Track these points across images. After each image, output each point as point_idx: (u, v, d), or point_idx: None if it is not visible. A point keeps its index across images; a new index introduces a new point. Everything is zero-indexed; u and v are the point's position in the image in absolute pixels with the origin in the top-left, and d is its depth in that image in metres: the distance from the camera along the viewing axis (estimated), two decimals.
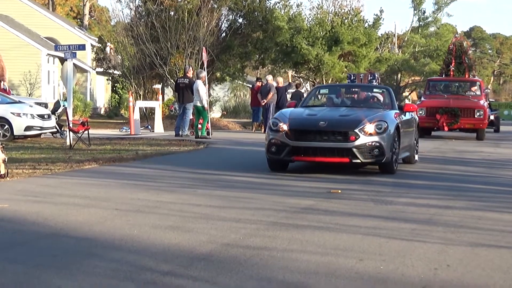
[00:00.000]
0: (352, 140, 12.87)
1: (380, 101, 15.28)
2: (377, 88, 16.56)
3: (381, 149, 12.97)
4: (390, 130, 13.21)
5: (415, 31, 64.86)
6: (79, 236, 7.37)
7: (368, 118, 13.22)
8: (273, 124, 13.50)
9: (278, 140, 13.19)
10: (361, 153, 12.89)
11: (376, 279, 5.89)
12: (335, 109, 14.57)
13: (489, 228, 8.25)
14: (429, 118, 27.72)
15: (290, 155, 13.16)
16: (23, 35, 41.66)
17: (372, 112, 13.89)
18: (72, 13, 73.74)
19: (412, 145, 15.39)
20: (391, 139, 13.20)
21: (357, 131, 12.91)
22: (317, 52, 41.41)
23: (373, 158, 13.02)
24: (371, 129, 12.99)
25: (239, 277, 5.84)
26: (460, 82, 30.72)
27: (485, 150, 21.18)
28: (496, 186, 12.42)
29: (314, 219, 8.62)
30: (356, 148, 12.86)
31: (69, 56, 20.56)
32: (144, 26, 36.02)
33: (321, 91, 16.65)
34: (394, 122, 13.53)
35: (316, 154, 13.08)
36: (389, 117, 13.64)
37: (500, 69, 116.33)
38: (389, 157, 13.18)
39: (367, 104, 15.30)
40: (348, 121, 13.24)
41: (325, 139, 12.97)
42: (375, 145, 12.95)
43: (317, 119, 13.36)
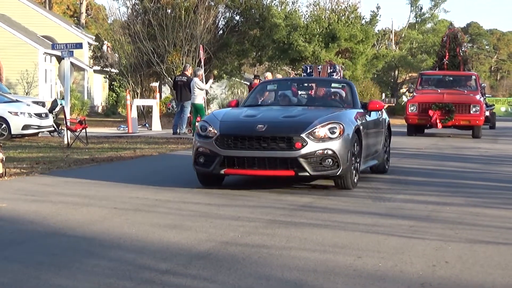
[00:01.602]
0: (298, 147, 10.28)
1: (343, 98, 12.60)
2: (336, 83, 13.53)
3: (335, 159, 10.39)
4: (347, 134, 10.63)
5: (412, 27, 64.90)
6: (78, 235, 7.37)
7: (319, 120, 10.63)
8: (201, 128, 10.92)
9: (207, 148, 10.62)
10: (310, 164, 10.31)
11: (375, 276, 5.89)
12: (282, 109, 11.86)
13: (488, 225, 8.26)
14: (422, 114, 26.24)
15: (221, 167, 10.55)
16: (20, 34, 41.62)
17: (327, 112, 11.32)
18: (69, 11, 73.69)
19: (381, 151, 12.98)
20: (349, 145, 10.62)
21: (304, 136, 10.32)
22: (313, 49, 41.40)
23: (325, 170, 10.41)
24: (322, 134, 10.44)
25: (238, 275, 5.85)
26: (455, 76, 28.99)
27: (483, 146, 21.19)
28: (494, 182, 12.43)
29: (312, 217, 8.62)
30: (303, 157, 10.27)
31: (66, 54, 20.56)
32: (141, 24, 36.03)
33: (269, 87, 13.38)
34: (352, 124, 10.95)
35: (253, 165, 10.42)
36: (346, 118, 11.04)
37: (497, 65, 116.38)
38: (346, 169, 10.59)
39: (325, 102, 12.67)
40: (294, 124, 10.63)
41: (265, 146, 10.35)
42: (327, 153, 10.36)
43: (255, 121, 10.75)
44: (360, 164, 11.31)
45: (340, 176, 10.65)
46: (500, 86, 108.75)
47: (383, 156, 13.19)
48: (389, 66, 60.69)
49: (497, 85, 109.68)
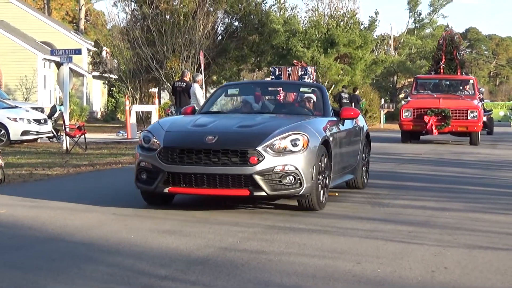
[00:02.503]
0: (254, 162, 8.78)
1: (313, 104, 11.14)
2: (305, 87, 11.85)
3: (297, 176, 8.91)
4: (313, 146, 9.15)
5: (411, 32, 64.99)
6: (76, 241, 7.36)
7: (280, 131, 9.12)
8: (144, 139, 9.47)
9: (149, 163, 9.18)
10: (267, 182, 8.80)
11: (374, 282, 5.89)
12: (242, 117, 10.29)
13: (486, 230, 8.26)
14: (417, 120, 25.02)
15: (165, 185, 9.08)
16: (19, 40, 41.64)
17: (291, 121, 9.80)
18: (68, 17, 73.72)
19: (357, 164, 11.60)
20: (315, 159, 9.13)
21: (261, 150, 8.82)
22: (312, 54, 41.44)
23: (286, 188, 8.89)
24: (282, 146, 8.97)
25: (236, 281, 5.85)
26: (451, 80, 27.80)
27: (482, 151, 21.21)
28: (493, 187, 12.43)
29: (311, 222, 8.62)
30: (259, 174, 8.76)
31: (65, 60, 20.57)
32: (140, 30, 36.07)
33: (230, 91, 11.79)
34: (319, 135, 9.43)
35: (202, 183, 8.93)
36: (312, 127, 9.52)
37: (496, 70, 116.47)
38: (311, 187, 9.07)
39: (291, 109, 11.15)
40: (249, 135, 9.13)
41: (215, 161, 8.88)
42: (288, 169, 8.89)
43: (204, 132, 9.26)
44: (329, 180, 9.79)
45: (304, 195, 9.12)
46: (499, 91, 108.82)
47: (361, 170, 11.76)
48: (388, 72, 60.80)
49: (496, 90, 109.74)
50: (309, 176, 9.03)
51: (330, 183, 9.91)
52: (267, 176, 8.84)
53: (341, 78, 42.70)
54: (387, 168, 15.50)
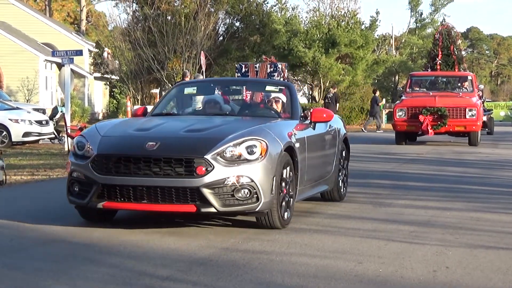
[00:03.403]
0: (201, 173, 7.55)
1: (280, 104, 9.67)
2: (271, 85, 10.22)
3: (253, 189, 7.65)
4: (273, 154, 7.88)
5: (412, 32, 64.95)
6: (77, 242, 7.36)
7: (233, 136, 7.86)
8: (77, 145, 8.21)
9: (82, 173, 7.94)
10: (218, 197, 7.57)
11: (376, 282, 5.89)
12: (194, 119, 9.03)
13: (488, 230, 8.26)
14: (411, 120, 23.27)
15: (99, 199, 7.82)
16: (20, 41, 41.65)
17: (250, 124, 8.53)
18: (69, 18, 73.75)
19: (332, 174, 10.15)
20: (275, 169, 7.85)
21: (210, 158, 7.59)
22: (313, 54, 41.44)
23: (239, 204, 7.65)
24: (236, 154, 7.72)
25: (238, 281, 5.85)
26: (448, 77, 26.04)
27: (483, 151, 21.19)
28: (494, 187, 12.42)
29: (312, 222, 8.62)
30: (207, 187, 7.54)
31: (67, 61, 20.56)
32: (141, 31, 36.10)
33: (186, 90, 10.27)
34: (282, 141, 8.14)
35: (141, 198, 7.71)
36: (273, 132, 8.22)
37: (497, 69, 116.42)
38: (270, 202, 7.79)
39: (255, 110, 9.75)
40: (197, 141, 7.88)
41: (156, 172, 7.66)
42: (242, 182, 7.63)
43: (145, 137, 8.01)
44: (295, 193, 8.52)
45: (262, 212, 7.84)
46: (500, 90, 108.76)
47: (337, 180, 10.34)
48: (390, 72, 60.73)
49: (497, 89, 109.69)
50: (267, 189, 7.74)
51: (297, 196, 8.60)
52: (218, 190, 7.57)
53: (342, 78, 42.69)
54: (389, 168, 15.49)
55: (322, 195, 10.39)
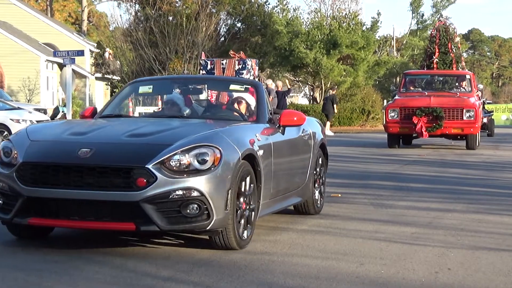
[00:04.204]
0: (141, 185, 6.47)
1: (246, 106, 8.56)
2: (236, 84, 9.06)
3: (203, 204, 6.56)
4: (228, 163, 6.78)
5: (413, 34, 64.94)
6: (79, 242, 7.36)
7: (182, 142, 6.75)
8: (3, 151, 7.08)
9: (6, 184, 6.83)
10: (161, 213, 6.50)
11: (377, 283, 5.88)
12: (142, 122, 8.06)
13: (490, 231, 8.25)
14: (404, 122, 21.69)
15: (25, 214, 6.75)
16: (21, 41, 41.68)
17: (205, 128, 7.47)
18: (71, 18, 73.78)
19: (305, 184, 8.99)
20: (230, 181, 6.76)
21: (152, 168, 6.50)
22: (315, 55, 41.45)
23: (187, 221, 6.58)
24: (183, 164, 6.62)
25: (239, 282, 5.84)
26: (445, 75, 24.38)
27: (485, 152, 21.17)
28: (496, 189, 12.41)
29: (314, 224, 8.62)
30: (149, 202, 6.46)
31: (68, 61, 20.60)
32: (142, 31, 36.12)
33: (141, 89, 9.29)
34: (240, 148, 7.02)
35: (72, 214, 6.68)
36: (230, 137, 7.07)
37: (498, 71, 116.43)
38: (224, 219, 6.72)
39: (217, 112, 8.72)
40: (138, 148, 6.77)
41: (90, 183, 6.57)
42: (190, 195, 6.55)
43: (79, 142, 6.88)
44: (257, 208, 7.41)
45: (215, 230, 6.76)
46: (501, 92, 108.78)
47: (312, 191, 9.22)
48: (391, 73, 60.72)
49: (498, 91, 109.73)
50: (221, 205, 6.65)
51: (260, 211, 7.50)
52: (161, 205, 6.48)
53: (343, 80, 42.70)
54: (390, 169, 15.49)
55: (296, 208, 9.25)
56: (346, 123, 40.63)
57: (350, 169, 15.39)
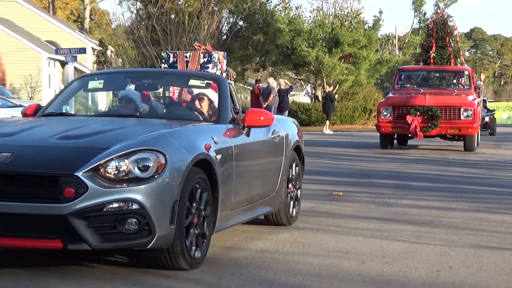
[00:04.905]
0: (70, 196, 5.54)
1: (208, 104, 7.58)
2: (196, 79, 8.03)
3: (143, 219, 5.65)
4: (174, 171, 5.84)
5: (415, 32, 64.88)
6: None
7: (120, 146, 5.80)
8: None
9: None
10: (92, 229, 5.59)
11: (379, 282, 5.88)
12: (82, 121, 7.19)
13: (492, 230, 8.25)
14: (397, 121, 20.21)
15: None
16: (23, 39, 41.69)
17: (152, 129, 6.41)
18: (73, 16, 73.80)
19: (276, 192, 8.04)
20: (176, 191, 5.84)
21: (82, 176, 5.56)
22: (317, 54, 41.45)
23: (124, 239, 5.68)
24: (121, 171, 5.69)
25: (241, 280, 5.84)
26: (442, 71, 22.78)
27: (487, 151, 21.14)
28: (498, 187, 12.41)
29: (315, 222, 8.61)
30: (78, 216, 5.53)
31: (70, 59, 20.62)
32: (144, 29, 36.13)
33: (91, 85, 8.10)
34: (190, 153, 6.08)
35: None
36: (180, 140, 6.15)
37: (500, 70, 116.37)
38: (168, 236, 5.81)
39: (174, 111, 7.76)
40: (67, 152, 5.82)
41: (9, 193, 5.64)
42: (128, 208, 5.63)
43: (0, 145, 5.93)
44: (213, 221, 6.48)
45: (159, 249, 5.89)
46: (503, 91, 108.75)
47: (285, 199, 8.28)
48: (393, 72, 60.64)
49: (500, 90, 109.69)
50: (165, 219, 5.73)
51: (218, 224, 6.59)
52: (93, 219, 5.56)
53: (345, 78, 42.69)
54: (392, 167, 15.48)
55: (266, 218, 8.34)
56: (348, 122, 40.62)
57: (352, 168, 15.39)
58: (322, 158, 17.39)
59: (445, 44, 23.53)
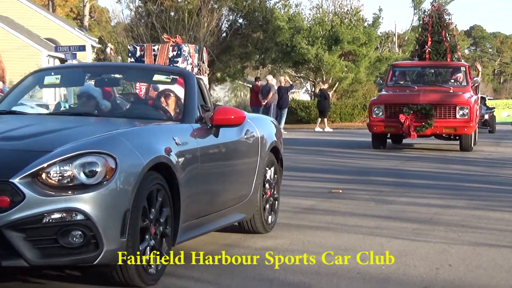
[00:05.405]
0: (4, 206, 4.94)
1: (174, 101, 6.90)
2: (161, 74, 7.33)
3: (89, 231, 5.04)
4: (126, 176, 5.23)
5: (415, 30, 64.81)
6: None
7: (64, 149, 5.17)
8: None
9: None
10: (30, 243, 4.96)
11: (378, 279, 5.88)
12: (29, 120, 6.45)
13: (491, 228, 8.25)
14: (390, 120, 19.13)
15: None
16: (23, 36, 41.69)
17: (104, 129, 5.79)
18: (72, 14, 73.78)
19: (250, 197, 7.38)
20: (128, 200, 5.23)
21: (19, 183, 4.97)
22: (316, 51, 41.43)
23: (67, 254, 5.03)
24: (65, 177, 5.07)
25: (240, 278, 5.84)
26: (437, 67, 21.45)
27: (486, 149, 21.14)
28: (497, 185, 12.42)
29: (315, 219, 8.62)
30: (14, 228, 4.94)
31: (70, 57, 20.62)
32: (144, 27, 36.12)
33: (47, 80, 7.39)
34: (145, 156, 5.46)
35: None
36: (133, 142, 5.49)
37: (500, 68, 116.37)
38: (119, 250, 5.19)
39: (136, 110, 6.98)
40: (2, 156, 5.19)
41: None
42: (70, 220, 5.01)
43: None
44: (175, 232, 5.84)
45: (109, 265, 5.26)
46: (503, 89, 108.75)
47: (260, 205, 7.61)
48: None
49: (500, 88, 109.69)
50: (115, 231, 5.13)
51: (181, 235, 5.96)
52: (31, 232, 4.95)
53: (345, 76, 42.68)
54: (391, 165, 15.48)
55: (241, 226, 7.71)
56: (348, 119, 40.60)
57: (351, 165, 15.39)
58: (321, 156, 17.40)
59: (441, 39, 22.22)
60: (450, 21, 23.16)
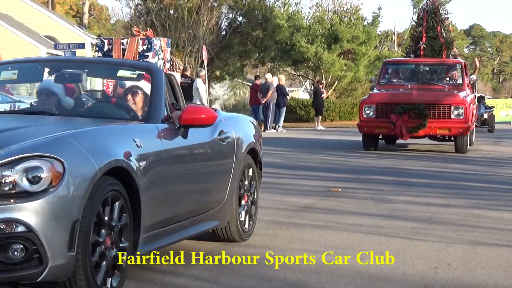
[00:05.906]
0: None
1: (140, 99, 6.32)
2: (126, 69, 6.70)
3: (31, 245, 4.46)
4: (75, 183, 4.64)
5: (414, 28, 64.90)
6: None
7: (5, 152, 4.57)
8: None
9: None
10: None
11: (377, 278, 5.88)
12: None
13: (490, 227, 8.26)
14: (381, 120, 18.08)
15: None
16: (22, 34, 41.66)
17: (56, 129, 5.27)
18: (72, 11, 73.75)
19: (224, 203, 6.85)
20: (78, 209, 4.63)
21: None
22: (316, 50, 41.44)
23: (6, 270, 4.45)
24: (6, 183, 4.48)
25: (239, 276, 5.84)
26: (432, 65, 20.18)
27: (485, 148, 21.14)
28: (496, 184, 12.42)
29: (314, 218, 8.62)
30: None
31: (69, 54, 20.59)
32: (143, 25, 36.06)
33: (3, 75, 6.86)
34: (99, 160, 4.88)
35: None
36: (85, 144, 4.88)
37: (500, 67, 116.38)
38: (68, 266, 4.60)
39: (98, 108, 6.45)
40: None
41: None
42: (10, 232, 4.42)
43: None
44: (135, 243, 5.34)
45: (54, 283, 4.71)
46: (502, 88, 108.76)
47: (236, 211, 7.09)
48: None
49: (499, 87, 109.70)
50: (61, 244, 4.56)
51: (143, 246, 5.44)
52: None
53: (344, 74, 42.70)
54: (391, 164, 15.48)
55: (215, 233, 7.12)
56: (347, 118, 40.61)
57: (351, 164, 15.39)
58: (320, 154, 17.39)
59: (437, 35, 20.95)
60: (446, 16, 21.89)
